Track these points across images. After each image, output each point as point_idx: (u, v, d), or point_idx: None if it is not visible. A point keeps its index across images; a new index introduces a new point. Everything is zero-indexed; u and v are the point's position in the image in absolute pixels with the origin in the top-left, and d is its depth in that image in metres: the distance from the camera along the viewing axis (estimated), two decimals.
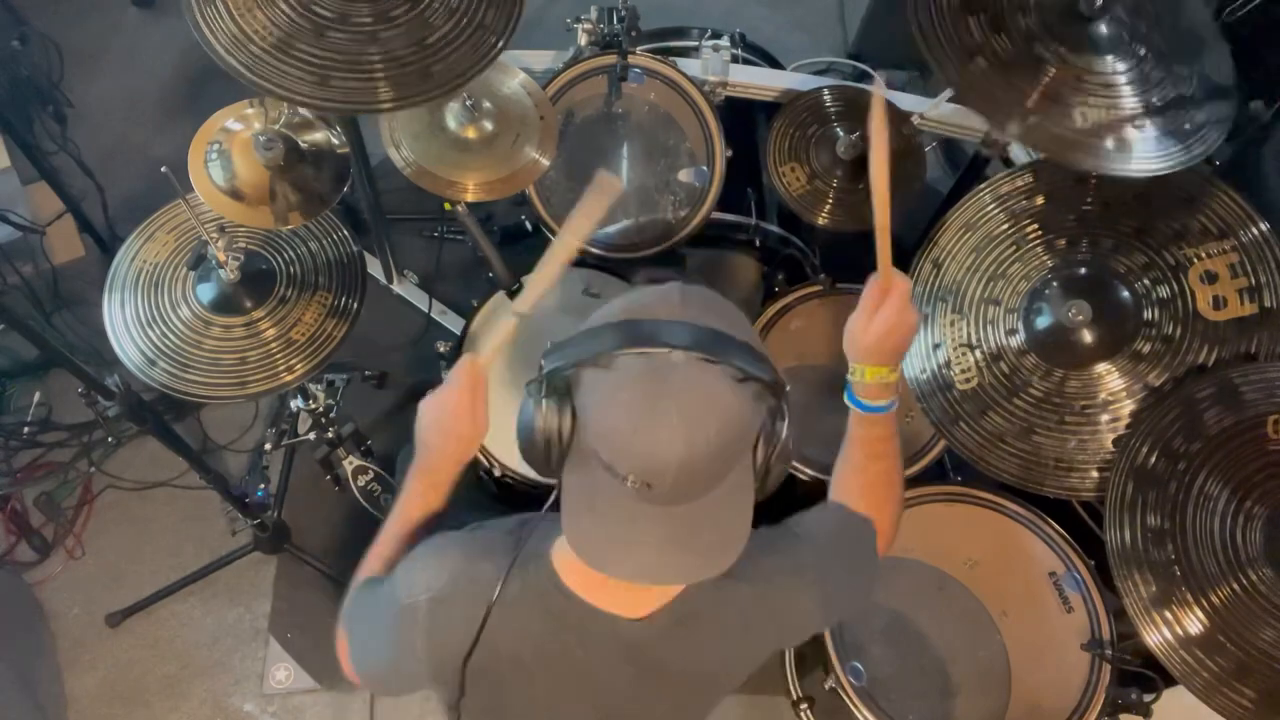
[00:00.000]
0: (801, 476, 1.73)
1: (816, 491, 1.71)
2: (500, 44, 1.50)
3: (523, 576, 0.93)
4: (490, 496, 1.82)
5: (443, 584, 0.95)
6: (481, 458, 1.74)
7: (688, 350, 0.80)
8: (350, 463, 2.17)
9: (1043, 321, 1.54)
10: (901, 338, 1.11)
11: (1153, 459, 1.41)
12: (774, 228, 2.03)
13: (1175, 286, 1.49)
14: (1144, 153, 1.42)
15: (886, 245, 1.13)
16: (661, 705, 1.06)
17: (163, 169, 1.35)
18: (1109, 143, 1.42)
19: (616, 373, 0.82)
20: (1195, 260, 1.48)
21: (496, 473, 1.74)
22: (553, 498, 0.91)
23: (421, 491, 1.13)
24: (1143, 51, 1.46)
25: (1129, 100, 1.45)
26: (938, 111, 1.92)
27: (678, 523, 0.85)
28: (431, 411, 1.10)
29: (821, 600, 1.05)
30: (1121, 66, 1.46)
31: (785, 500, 1.28)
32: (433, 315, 2.38)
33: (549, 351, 0.87)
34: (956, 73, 1.45)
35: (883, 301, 1.10)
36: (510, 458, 1.72)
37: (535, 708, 1.02)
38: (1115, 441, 1.48)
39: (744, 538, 0.89)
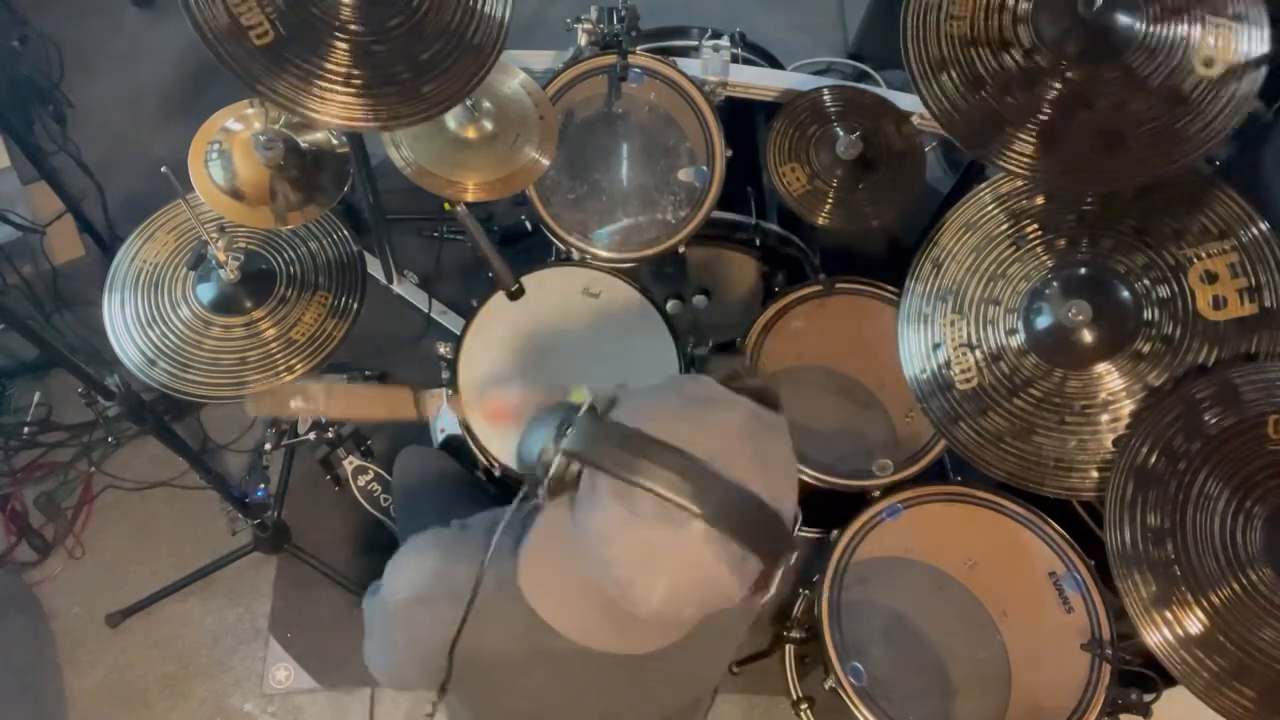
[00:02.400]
0: (802, 477, 1.72)
1: (816, 492, 1.71)
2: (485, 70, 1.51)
3: (498, 575, 0.94)
4: (490, 497, 1.81)
5: (422, 584, 0.98)
6: (481, 457, 1.74)
7: (711, 525, 0.76)
8: (350, 463, 2.17)
9: (1043, 321, 1.54)
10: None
11: (1153, 459, 1.41)
12: (774, 228, 2.03)
13: (1175, 286, 1.49)
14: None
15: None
16: (650, 703, 1.06)
17: (163, 169, 1.35)
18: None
19: (632, 506, 0.78)
20: (1195, 260, 1.48)
21: (496, 473, 1.74)
22: (524, 490, 0.90)
23: None
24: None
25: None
26: None
27: (632, 620, 0.84)
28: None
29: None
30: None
31: None
32: (433, 315, 2.38)
33: (589, 413, 0.83)
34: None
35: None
36: (511, 458, 1.72)
37: (536, 700, 1.03)
38: (1115, 441, 1.48)
39: (683, 632, 0.93)
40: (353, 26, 1.41)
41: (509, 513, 0.93)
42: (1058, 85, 1.45)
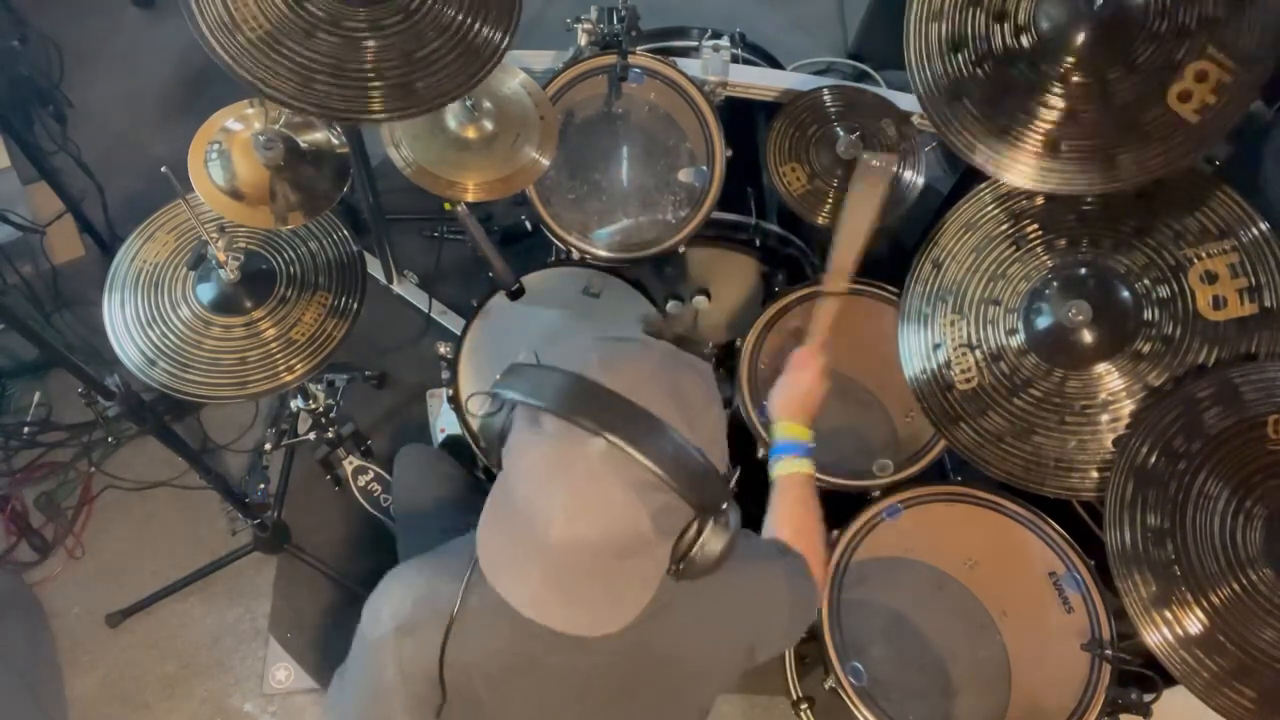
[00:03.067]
0: None
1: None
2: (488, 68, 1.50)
3: (480, 590, 0.92)
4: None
5: (407, 612, 0.95)
6: (482, 458, 1.74)
7: (612, 438, 0.78)
8: (350, 463, 2.17)
9: (1043, 321, 1.54)
10: (807, 404, 1.35)
11: (1153, 459, 1.41)
12: (774, 227, 2.03)
13: (1175, 286, 1.49)
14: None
15: (829, 319, 1.40)
16: (644, 702, 1.05)
17: (163, 169, 1.35)
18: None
19: (537, 432, 0.82)
20: (1195, 260, 1.48)
21: (496, 474, 1.74)
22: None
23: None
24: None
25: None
26: None
27: (564, 569, 0.84)
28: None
29: (789, 593, 1.07)
30: None
31: None
32: (433, 315, 2.38)
33: (508, 372, 0.88)
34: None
35: (799, 371, 1.33)
36: None
37: (518, 714, 1.01)
38: (1115, 441, 1.48)
39: (636, 609, 0.87)
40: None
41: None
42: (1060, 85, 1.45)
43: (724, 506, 0.86)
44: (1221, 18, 1.34)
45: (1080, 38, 1.43)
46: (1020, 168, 1.49)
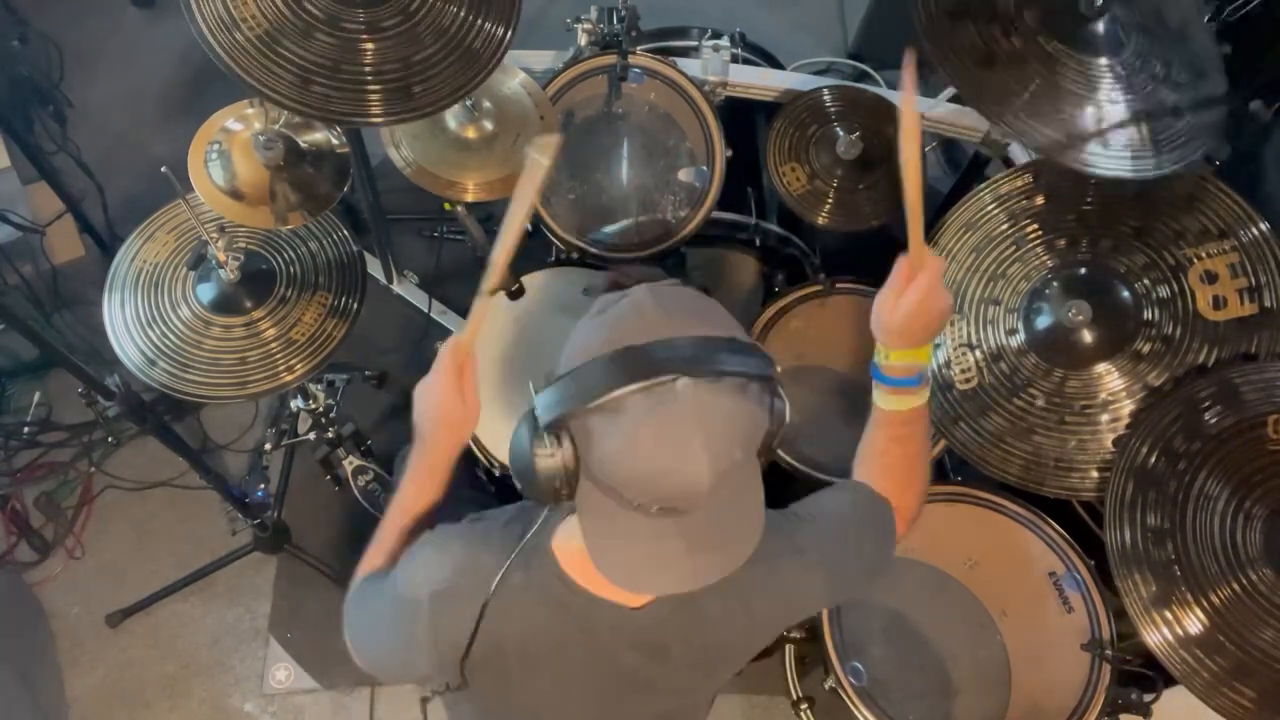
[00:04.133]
0: (802, 472, 1.72)
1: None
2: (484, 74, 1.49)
3: (524, 568, 0.93)
4: (490, 496, 1.82)
5: (444, 578, 0.95)
6: (481, 457, 1.74)
7: (688, 374, 0.78)
8: (350, 463, 2.17)
9: (1043, 321, 1.54)
10: (931, 319, 1.07)
11: (1153, 459, 1.41)
12: (774, 227, 2.03)
13: (1175, 286, 1.49)
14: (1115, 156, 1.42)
15: (919, 221, 1.07)
16: (668, 689, 1.06)
17: (163, 169, 1.35)
18: (1091, 143, 1.42)
19: (626, 416, 0.80)
20: (1195, 260, 1.48)
21: (496, 473, 1.74)
22: None
23: (420, 480, 1.13)
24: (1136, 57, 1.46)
25: (1114, 103, 1.44)
26: (938, 111, 1.92)
27: (701, 528, 0.85)
28: (422, 400, 1.10)
29: (825, 579, 1.06)
30: (1114, 70, 1.45)
31: (783, 498, 1.29)
32: (433, 315, 2.38)
33: (541, 393, 0.85)
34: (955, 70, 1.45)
35: (912, 281, 1.08)
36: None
37: (542, 698, 1.03)
38: (1115, 441, 1.48)
39: (760, 521, 0.89)
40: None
41: (545, 513, 0.94)
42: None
43: (778, 370, 0.87)
44: None
45: None
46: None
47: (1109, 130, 1.42)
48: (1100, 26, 1.45)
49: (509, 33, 1.50)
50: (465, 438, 1.13)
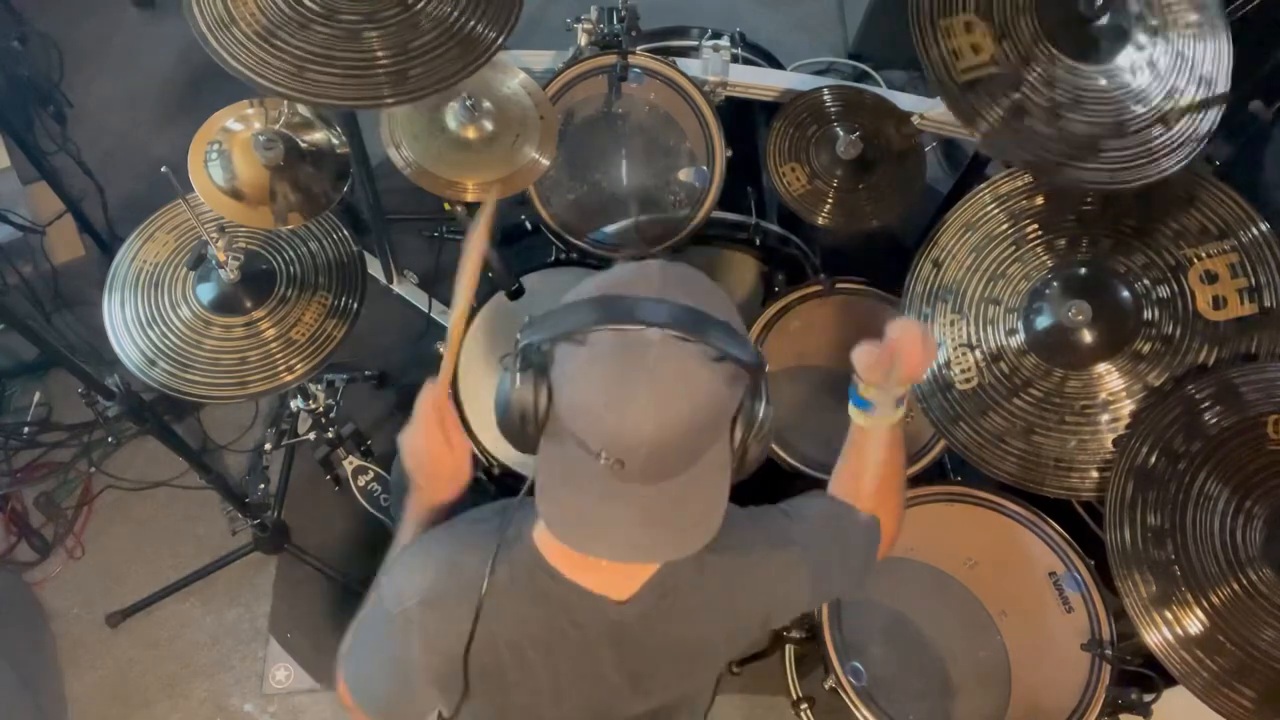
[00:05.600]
0: (802, 472, 1.72)
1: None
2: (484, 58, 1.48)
3: (509, 563, 0.92)
4: (490, 497, 1.81)
5: (430, 585, 0.94)
6: (481, 457, 1.74)
7: (663, 328, 0.79)
8: (350, 463, 2.17)
9: (1043, 321, 1.54)
10: (913, 378, 1.14)
11: (1153, 459, 1.41)
12: (774, 227, 2.03)
13: (1175, 286, 1.49)
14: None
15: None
16: (658, 685, 1.05)
17: (163, 169, 1.35)
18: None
19: (590, 348, 0.81)
20: (1195, 260, 1.48)
21: (496, 472, 1.74)
22: (530, 480, 0.90)
23: (426, 524, 1.12)
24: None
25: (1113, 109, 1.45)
26: (938, 111, 1.92)
27: (652, 501, 0.85)
28: (409, 454, 1.10)
29: (809, 574, 1.05)
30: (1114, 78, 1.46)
31: (784, 498, 1.29)
32: (433, 315, 2.38)
33: (526, 326, 0.87)
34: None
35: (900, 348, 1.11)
36: (510, 457, 1.72)
37: (540, 696, 1.01)
38: (1115, 441, 1.48)
39: (720, 515, 0.89)
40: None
41: (519, 498, 0.93)
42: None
43: (765, 368, 0.87)
44: None
45: None
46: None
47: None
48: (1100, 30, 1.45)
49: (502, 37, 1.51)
50: (463, 484, 1.12)
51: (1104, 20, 1.45)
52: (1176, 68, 1.47)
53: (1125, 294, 1.51)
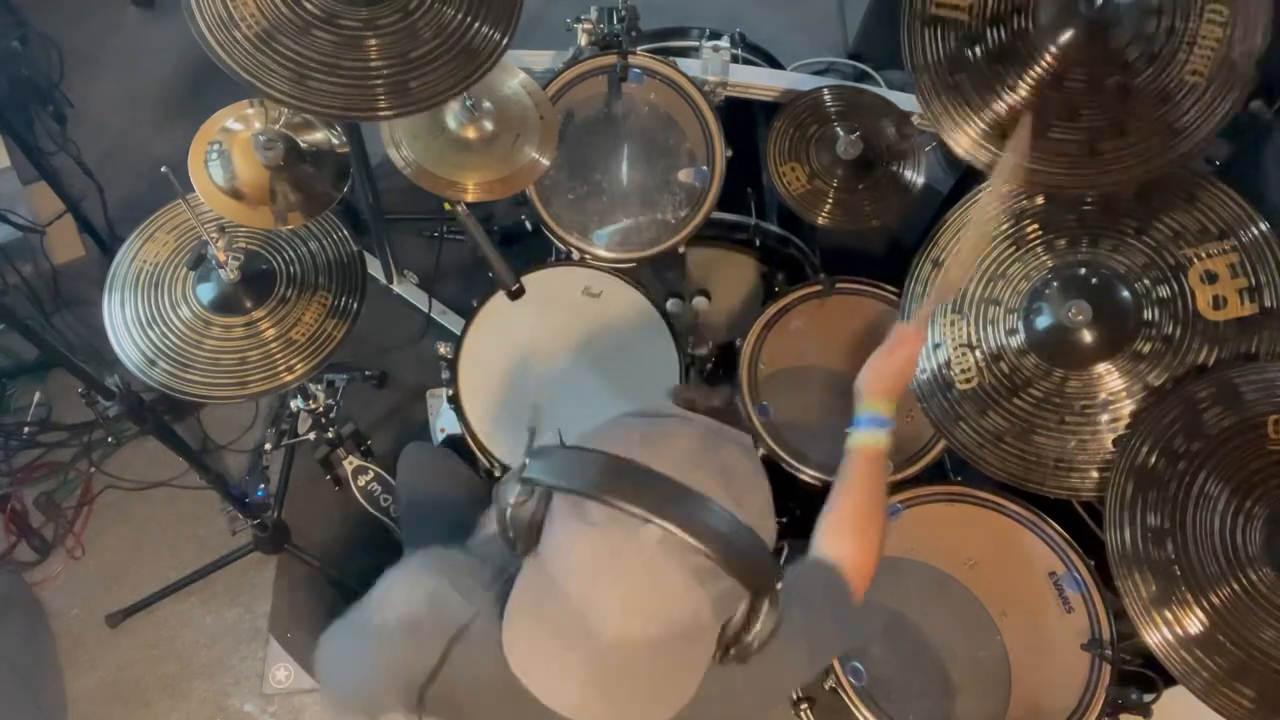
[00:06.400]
0: (802, 477, 1.72)
1: (816, 492, 1.71)
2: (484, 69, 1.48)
3: (490, 618, 0.87)
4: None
5: (414, 609, 0.91)
6: (482, 458, 1.74)
7: (669, 527, 0.73)
8: (350, 463, 2.17)
9: (1043, 321, 1.54)
10: (903, 380, 1.30)
11: (1153, 459, 1.41)
12: (774, 228, 2.03)
13: (1175, 286, 1.49)
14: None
15: (930, 308, 1.40)
16: None
17: (163, 169, 1.35)
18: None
19: (583, 523, 0.76)
20: (1195, 260, 1.48)
21: (496, 473, 1.74)
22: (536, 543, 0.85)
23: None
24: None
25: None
26: None
27: (609, 667, 0.78)
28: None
29: (809, 659, 1.03)
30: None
31: (784, 499, 1.28)
32: (433, 315, 2.38)
33: (538, 454, 0.81)
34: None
35: (902, 347, 1.30)
36: (511, 458, 1.72)
37: None
38: (1115, 441, 1.48)
39: (681, 702, 0.81)
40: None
41: (517, 561, 0.88)
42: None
43: (777, 586, 0.81)
44: None
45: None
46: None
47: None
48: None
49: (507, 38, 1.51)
50: None
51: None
52: None
53: (1125, 294, 1.51)
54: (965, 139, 1.51)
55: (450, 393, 1.79)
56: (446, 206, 1.68)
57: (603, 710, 0.79)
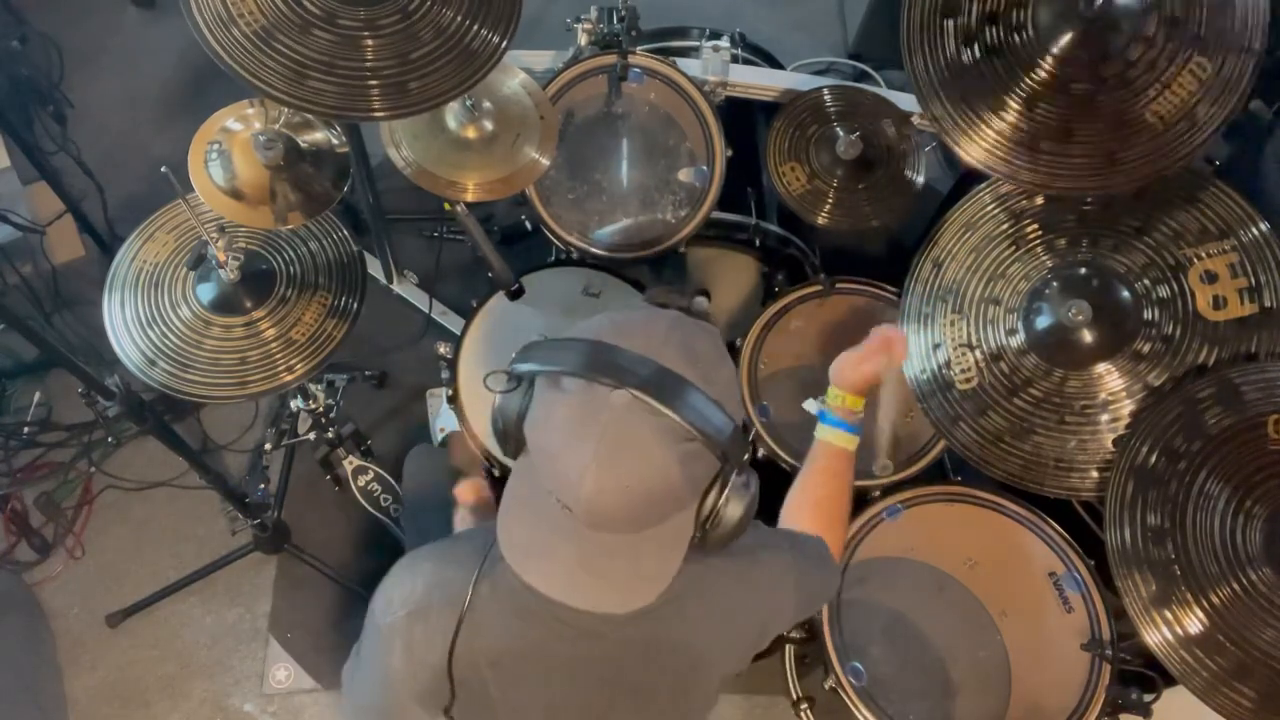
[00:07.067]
0: None
1: None
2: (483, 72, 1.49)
3: (491, 579, 0.93)
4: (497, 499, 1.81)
5: (418, 597, 0.95)
6: (483, 459, 1.74)
7: (635, 392, 0.79)
8: (350, 463, 2.17)
9: (1043, 321, 1.54)
10: (867, 386, 1.35)
11: (1153, 459, 1.41)
12: (774, 228, 2.03)
13: (1175, 286, 1.49)
14: None
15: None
16: (656, 691, 1.03)
17: (163, 169, 1.35)
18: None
19: (560, 393, 0.83)
20: (1195, 260, 1.48)
21: (497, 474, 1.74)
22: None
23: None
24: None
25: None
26: None
27: (594, 548, 0.86)
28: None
29: (796, 584, 1.07)
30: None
31: (783, 499, 1.28)
32: (433, 315, 2.38)
33: (522, 350, 0.89)
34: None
35: (883, 350, 1.34)
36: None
37: (527, 709, 1.01)
38: (1115, 441, 1.48)
39: (667, 580, 0.89)
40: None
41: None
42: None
43: (745, 458, 0.87)
44: None
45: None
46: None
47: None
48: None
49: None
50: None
51: None
52: None
53: (1125, 294, 1.51)
54: (966, 140, 1.50)
55: (450, 393, 1.79)
56: (446, 206, 1.68)
57: (593, 587, 0.88)
